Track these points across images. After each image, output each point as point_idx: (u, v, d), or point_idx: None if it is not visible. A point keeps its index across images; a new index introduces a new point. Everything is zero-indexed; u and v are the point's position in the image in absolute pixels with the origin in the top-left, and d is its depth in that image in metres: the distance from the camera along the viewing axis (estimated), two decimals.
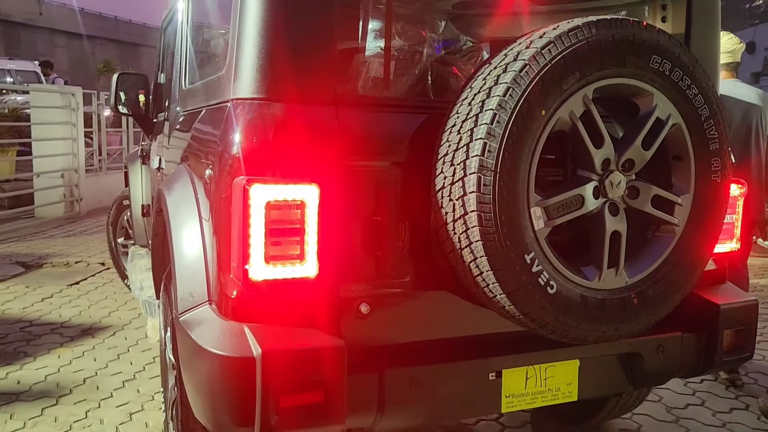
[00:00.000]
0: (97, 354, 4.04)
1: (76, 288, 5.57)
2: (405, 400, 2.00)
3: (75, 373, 3.72)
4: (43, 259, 6.50)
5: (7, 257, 6.59)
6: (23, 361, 3.86)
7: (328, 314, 1.94)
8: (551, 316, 1.89)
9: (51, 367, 3.79)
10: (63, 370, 3.77)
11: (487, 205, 1.79)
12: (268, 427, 1.79)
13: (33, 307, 4.99)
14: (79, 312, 4.90)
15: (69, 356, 3.98)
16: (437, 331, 2.13)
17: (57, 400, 3.33)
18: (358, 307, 2.01)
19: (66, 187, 9.22)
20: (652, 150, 2.00)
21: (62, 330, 4.48)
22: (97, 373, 3.74)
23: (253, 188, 1.78)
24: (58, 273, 6.07)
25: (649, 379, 2.39)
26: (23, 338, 4.28)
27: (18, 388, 3.47)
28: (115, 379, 3.67)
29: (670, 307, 2.08)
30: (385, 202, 2.01)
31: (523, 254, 1.83)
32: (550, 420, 3.31)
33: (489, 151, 1.78)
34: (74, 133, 9.17)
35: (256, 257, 1.80)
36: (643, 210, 2.02)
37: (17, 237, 7.69)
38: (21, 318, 4.70)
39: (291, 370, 1.81)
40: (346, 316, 1.99)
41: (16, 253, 6.80)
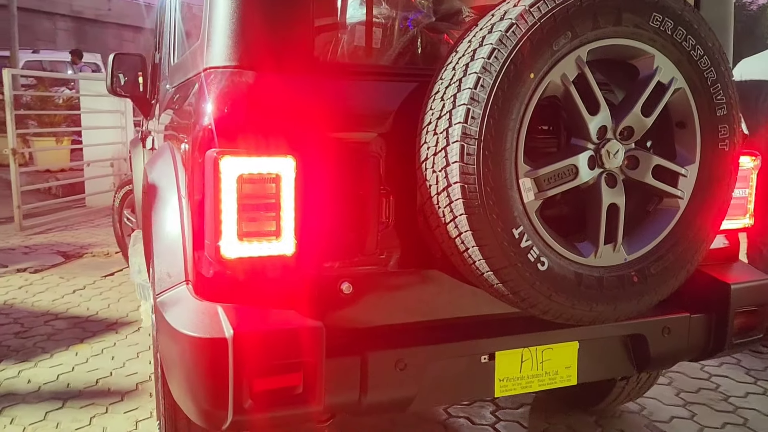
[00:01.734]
0: (116, 351, 3.89)
1: (109, 279, 5.45)
2: (389, 384, 1.89)
3: (89, 372, 3.57)
4: (84, 249, 6.34)
5: (50, 246, 6.50)
6: (39, 358, 3.73)
7: (307, 294, 1.84)
8: (542, 295, 1.77)
9: (66, 365, 3.65)
10: (78, 368, 3.62)
11: (471, 176, 1.67)
12: (242, 411, 1.70)
13: (63, 299, 4.86)
14: (108, 305, 4.76)
15: (87, 353, 3.84)
16: (425, 312, 2.02)
17: (64, 403, 3.19)
18: (340, 286, 1.90)
19: (115, 176, 9.13)
20: (653, 117, 1.86)
21: (86, 324, 4.35)
22: (112, 373, 3.58)
23: (223, 161, 1.68)
24: (96, 263, 5.96)
25: (654, 362, 2.26)
26: (45, 332, 4.16)
27: (27, 388, 3.35)
28: (129, 380, 3.49)
29: (673, 285, 1.95)
30: (368, 176, 1.90)
31: (511, 228, 1.71)
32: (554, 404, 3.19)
33: (473, 117, 1.66)
34: (123, 121, 9.12)
35: (228, 234, 1.71)
36: (644, 181, 1.88)
37: (65, 226, 7.61)
38: (48, 311, 4.59)
39: (265, 351, 1.71)
40: (326, 296, 1.89)
41: (59, 242, 6.72)
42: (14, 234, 7.07)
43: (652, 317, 2.19)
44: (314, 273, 1.87)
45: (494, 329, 2.06)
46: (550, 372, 2.14)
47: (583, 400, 3.05)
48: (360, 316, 1.93)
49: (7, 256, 6.08)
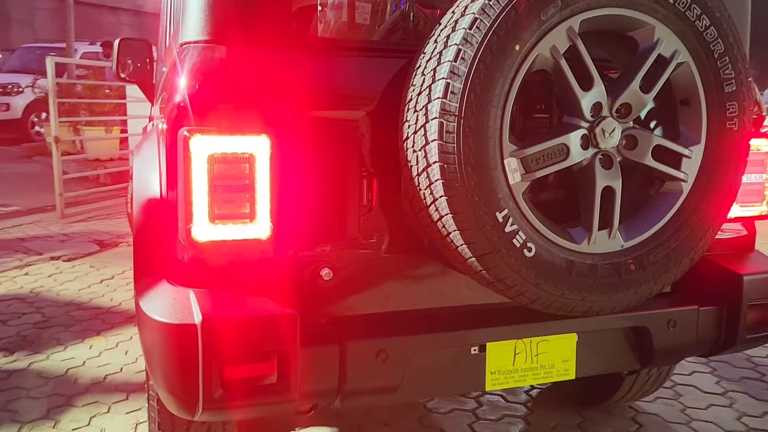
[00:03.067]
0: (130, 346, 3.76)
1: None
2: (370, 376, 1.80)
3: (99, 367, 3.47)
4: (120, 238, 6.27)
5: (87, 235, 6.48)
6: (53, 350, 3.67)
7: (284, 280, 1.76)
8: (530, 283, 1.66)
9: (77, 359, 3.55)
10: (89, 362, 3.52)
11: (451, 155, 1.56)
12: (212, 401, 1.63)
13: (89, 289, 4.77)
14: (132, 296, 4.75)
15: (101, 347, 3.74)
16: (411, 300, 1.92)
17: (68, 400, 3.07)
18: (319, 272, 1.82)
19: None
20: (653, 93, 1.73)
21: (107, 316, 4.25)
22: (123, 369, 3.47)
23: (194, 139, 1.60)
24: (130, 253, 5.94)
25: (659, 356, 2.12)
26: (64, 323, 4.10)
27: (33, 382, 3.26)
28: (138, 377, 3.34)
29: (674, 275, 1.82)
30: (348, 157, 1.80)
31: (494, 211, 1.60)
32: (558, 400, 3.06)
33: (452, 92, 1.55)
34: None
35: (200, 216, 1.63)
36: (643, 163, 1.76)
37: (107, 214, 7.57)
38: (72, 300, 4.53)
39: (235, 339, 1.64)
40: (304, 282, 1.81)
41: (98, 230, 6.68)
42: (55, 222, 7.05)
43: (656, 309, 2.05)
44: (291, 258, 1.79)
45: (485, 319, 1.95)
46: (546, 365, 2.03)
47: (590, 396, 2.92)
48: (340, 304, 1.84)
49: (44, 243, 6.08)
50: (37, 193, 8.22)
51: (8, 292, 4.66)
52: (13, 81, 13.76)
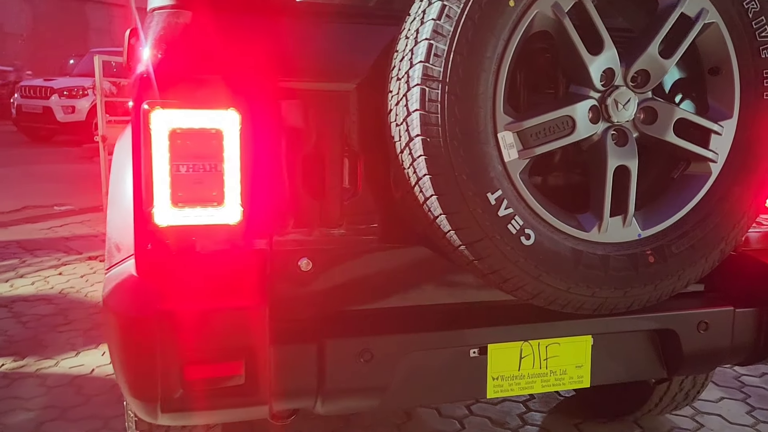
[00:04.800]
0: None
1: None
2: (352, 378, 1.61)
3: (108, 376, 3.24)
4: None
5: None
6: (65, 355, 3.51)
7: (256, 270, 1.58)
8: (529, 276, 1.45)
9: (86, 366, 3.36)
10: (97, 371, 3.33)
11: (435, 127, 1.37)
12: (172, 403, 1.48)
13: None
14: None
15: None
16: (401, 295, 1.73)
17: (63, 412, 2.88)
18: (297, 262, 1.63)
19: None
20: (675, 58, 1.50)
21: None
22: None
23: (154, 114, 1.44)
24: None
25: (689, 364, 1.88)
26: (84, 327, 3.93)
27: (35, 391, 3.08)
28: None
29: (701, 269, 1.58)
30: (330, 134, 1.61)
31: (486, 192, 1.40)
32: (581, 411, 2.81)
33: (436, 54, 1.35)
34: None
35: (161, 199, 1.47)
36: (664, 140, 1.53)
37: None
38: (98, 302, 4.29)
39: (197, 334, 1.48)
40: (280, 273, 1.63)
41: None
42: (103, 221, 7.04)
43: (685, 309, 1.81)
44: (265, 246, 1.61)
45: (486, 318, 1.74)
46: (556, 371, 1.80)
47: (615, 406, 2.67)
48: (320, 298, 1.66)
49: (87, 243, 6.01)
50: (92, 193, 8.26)
51: (37, 292, 4.59)
52: (78, 84, 14.05)
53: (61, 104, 13.82)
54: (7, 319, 3.99)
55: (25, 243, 5.93)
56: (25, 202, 7.70)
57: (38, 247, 5.77)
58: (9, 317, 4.02)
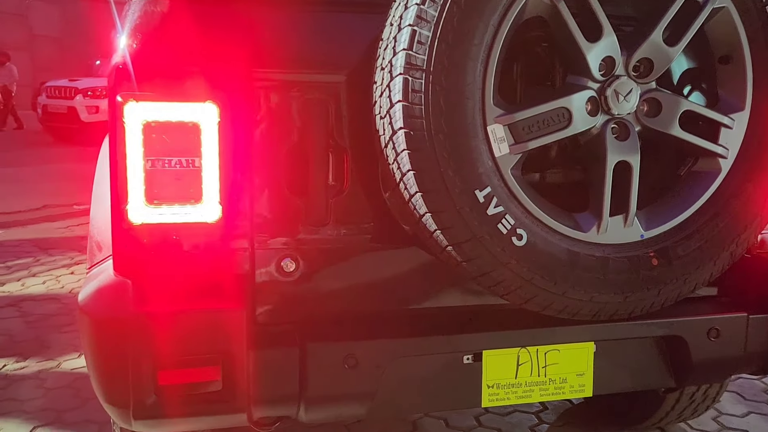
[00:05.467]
0: None
1: None
2: (335, 385, 1.53)
3: None
4: None
5: None
6: (67, 357, 3.42)
7: (235, 270, 1.51)
8: (521, 279, 1.36)
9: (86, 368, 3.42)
10: None
11: (418, 119, 1.28)
12: (144, 409, 1.41)
13: None
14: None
15: None
16: (389, 298, 1.64)
17: (58, 416, 2.79)
18: (280, 262, 1.55)
19: None
20: (681, 46, 1.40)
21: None
22: None
23: (127, 106, 1.38)
24: None
25: (699, 373, 1.77)
26: None
27: (32, 393, 2.99)
28: None
29: (710, 273, 1.48)
30: (315, 128, 1.53)
31: (474, 190, 1.31)
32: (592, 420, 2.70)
33: (419, 42, 1.27)
34: None
35: (135, 195, 1.41)
36: (669, 133, 1.42)
37: None
38: None
39: (170, 337, 1.41)
40: (263, 274, 1.55)
41: None
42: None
43: (694, 315, 1.70)
44: (246, 246, 1.53)
45: (480, 323, 1.65)
46: (556, 379, 1.70)
47: (625, 415, 2.55)
48: (304, 300, 1.58)
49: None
50: None
51: (48, 291, 4.56)
52: (102, 84, 14.18)
53: (85, 104, 13.94)
54: (14, 318, 3.97)
55: (41, 242, 5.94)
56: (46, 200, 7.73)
57: (53, 246, 5.77)
58: (16, 316, 4.00)
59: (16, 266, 5.10)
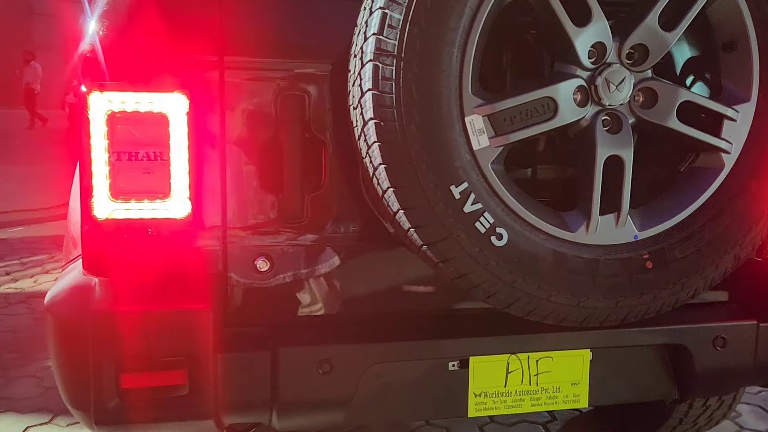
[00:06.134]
0: None
1: None
2: (309, 390, 1.45)
3: None
4: None
5: None
6: None
7: (205, 269, 1.44)
8: (502, 281, 1.27)
9: None
10: None
11: (389, 109, 1.19)
12: (106, 413, 1.36)
13: None
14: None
15: None
16: (369, 300, 1.55)
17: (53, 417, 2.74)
18: (254, 262, 1.48)
19: None
20: (680, 31, 1.29)
21: None
22: None
23: (92, 96, 1.32)
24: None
25: (704, 384, 1.66)
26: None
27: (27, 392, 2.96)
28: None
29: (710, 277, 1.37)
30: (290, 119, 1.45)
31: (449, 185, 1.22)
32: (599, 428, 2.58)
33: (390, 26, 1.18)
34: None
35: (100, 190, 1.35)
36: (666, 126, 1.32)
37: None
38: None
39: (134, 338, 1.34)
40: (235, 274, 1.47)
41: None
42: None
43: (697, 322, 1.59)
44: (218, 244, 1.46)
45: (467, 327, 1.55)
46: (549, 388, 1.60)
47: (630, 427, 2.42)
48: (278, 302, 1.50)
49: None
50: None
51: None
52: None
53: None
54: (22, 315, 3.96)
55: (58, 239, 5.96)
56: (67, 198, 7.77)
57: None
58: (25, 313, 3.99)
59: (30, 263, 5.12)
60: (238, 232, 1.46)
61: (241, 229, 1.47)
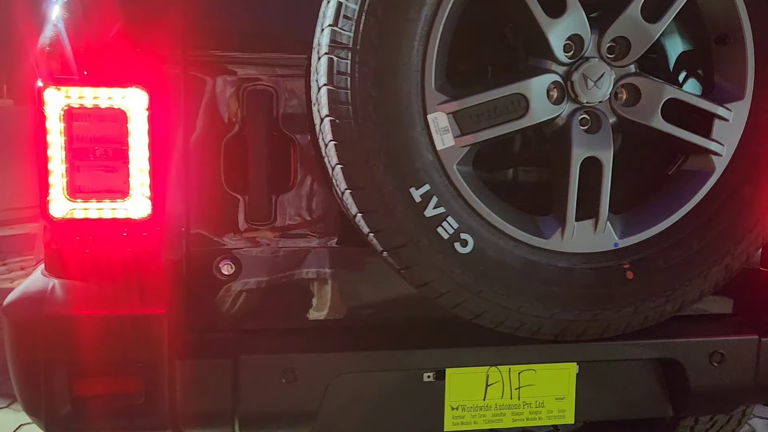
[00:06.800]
0: None
1: None
2: (272, 401, 1.38)
3: None
4: None
5: None
6: None
7: (165, 272, 1.38)
8: (467, 290, 1.18)
9: None
10: None
11: (344, 105, 1.12)
12: (57, 420, 1.31)
13: None
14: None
15: None
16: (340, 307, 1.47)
17: None
18: (218, 265, 1.41)
19: None
20: (664, 23, 1.19)
21: None
22: None
23: (47, 92, 1.27)
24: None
25: (700, 401, 1.55)
26: None
27: None
28: None
29: (699, 289, 1.27)
30: (256, 116, 1.38)
31: (408, 187, 1.14)
32: None
33: (345, 16, 1.10)
34: None
35: (56, 188, 1.30)
36: (650, 126, 1.22)
37: None
38: None
39: (88, 343, 1.30)
40: (197, 277, 1.41)
41: None
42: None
43: (692, 336, 1.48)
44: (179, 246, 1.39)
45: (444, 337, 1.47)
46: (531, 402, 1.51)
47: None
48: (242, 307, 1.43)
49: None
50: None
51: None
52: None
53: None
54: None
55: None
56: None
57: None
58: None
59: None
60: (201, 235, 1.40)
61: (204, 231, 1.40)
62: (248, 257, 1.42)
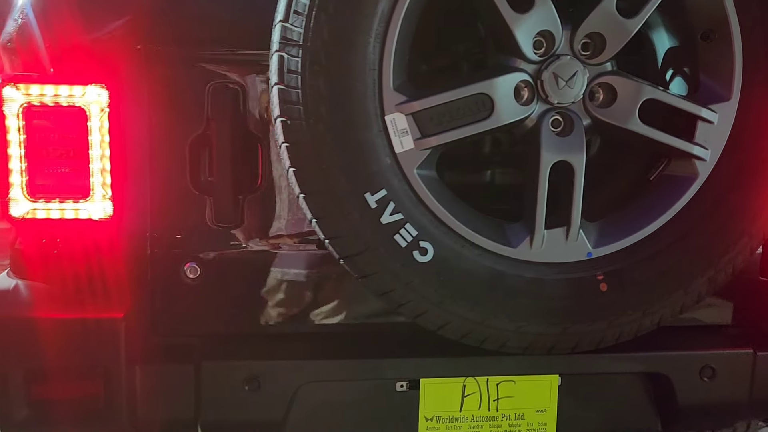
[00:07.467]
0: None
1: None
2: (235, 409, 1.34)
3: None
4: None
5: None
6: None
7: (127, 274, 1.34)
8: (427, 301, 1.12)
9: None
10: None
11: (295, 106, 1.06)
12: (13, 424, 1.29)
13: None
14: None
15: None
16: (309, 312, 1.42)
17: None
18: (182, 268, 1.37)
19: None
20: (642, 17, 1.11)
21: None
22: None
23: (6, 90, 1.24)
24: None
25: (689, 417, 1.46)
26: None
27: None
28: None
29: (680, 303, 1.19)
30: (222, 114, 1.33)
31: (363, 192, 1.08)
32: None
33: (296, 11, 1.05)
34: None
35: (15, 188, 1.28)
36: (626, 128, 1.14)
37: None
38: None
39: (45, 346, 1.27)
40: (160, 280, 1.37)
41: None
42: None
43: (680, 350, 1.40)
44: (141, 248, 1.35)
45: (418, 345, 1.41)
46: (510, 415, 1.44)
47: None
48: (207, 312, 1.39)
49: None
50: None
51: None
52: None
53: None
54: None
55: None
56: None
57: None
58: None
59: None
60: (164, 237, 1.36)
61: (168, 233, 1.36)
62: (214, 260, 1.38)
